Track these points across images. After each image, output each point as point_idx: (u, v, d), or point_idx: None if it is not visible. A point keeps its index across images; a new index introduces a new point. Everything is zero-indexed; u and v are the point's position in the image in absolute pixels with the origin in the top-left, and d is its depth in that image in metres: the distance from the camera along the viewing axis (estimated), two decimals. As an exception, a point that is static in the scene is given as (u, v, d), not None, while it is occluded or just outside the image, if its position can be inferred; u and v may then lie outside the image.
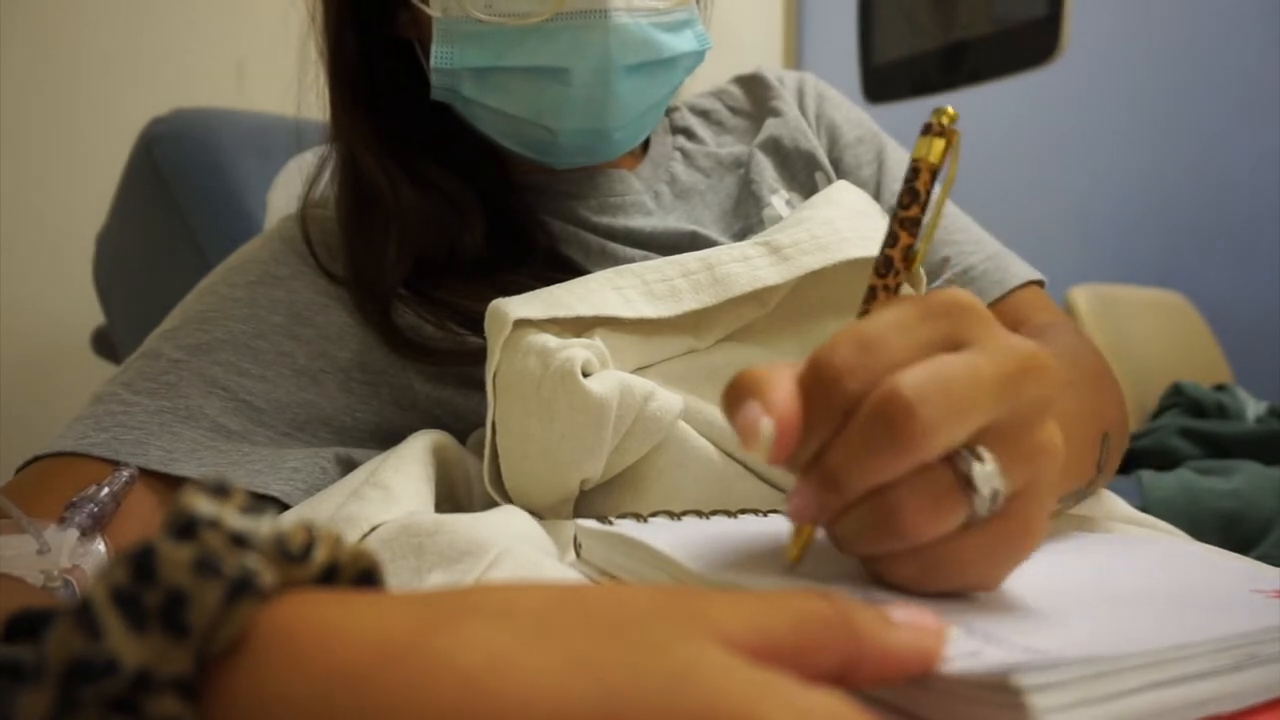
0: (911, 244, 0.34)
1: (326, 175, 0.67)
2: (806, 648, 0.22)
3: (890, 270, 0.34)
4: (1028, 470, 0.29)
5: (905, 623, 0.24)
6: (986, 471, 0.28)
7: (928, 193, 0.34)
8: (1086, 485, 0.51)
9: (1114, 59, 1.97)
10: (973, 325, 0.30)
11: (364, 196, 0.62)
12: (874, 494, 0.29)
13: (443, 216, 0.63)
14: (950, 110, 0.33)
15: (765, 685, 0.19)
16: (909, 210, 0.33)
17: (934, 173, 0.33)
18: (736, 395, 0.30)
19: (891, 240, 0.33)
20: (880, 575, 0.31)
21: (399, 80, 0.65)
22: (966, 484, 0.28)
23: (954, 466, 0.29)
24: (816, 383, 0.29)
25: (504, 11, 0.57)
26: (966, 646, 0.25)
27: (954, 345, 0.30)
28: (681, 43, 0.61)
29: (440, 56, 0.60)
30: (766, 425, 0.29)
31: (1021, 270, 0.68)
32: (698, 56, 0.63)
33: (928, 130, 0.33)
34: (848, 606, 0.23)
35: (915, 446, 0.28)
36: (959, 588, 0.30)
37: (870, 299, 0.34)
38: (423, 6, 0.60)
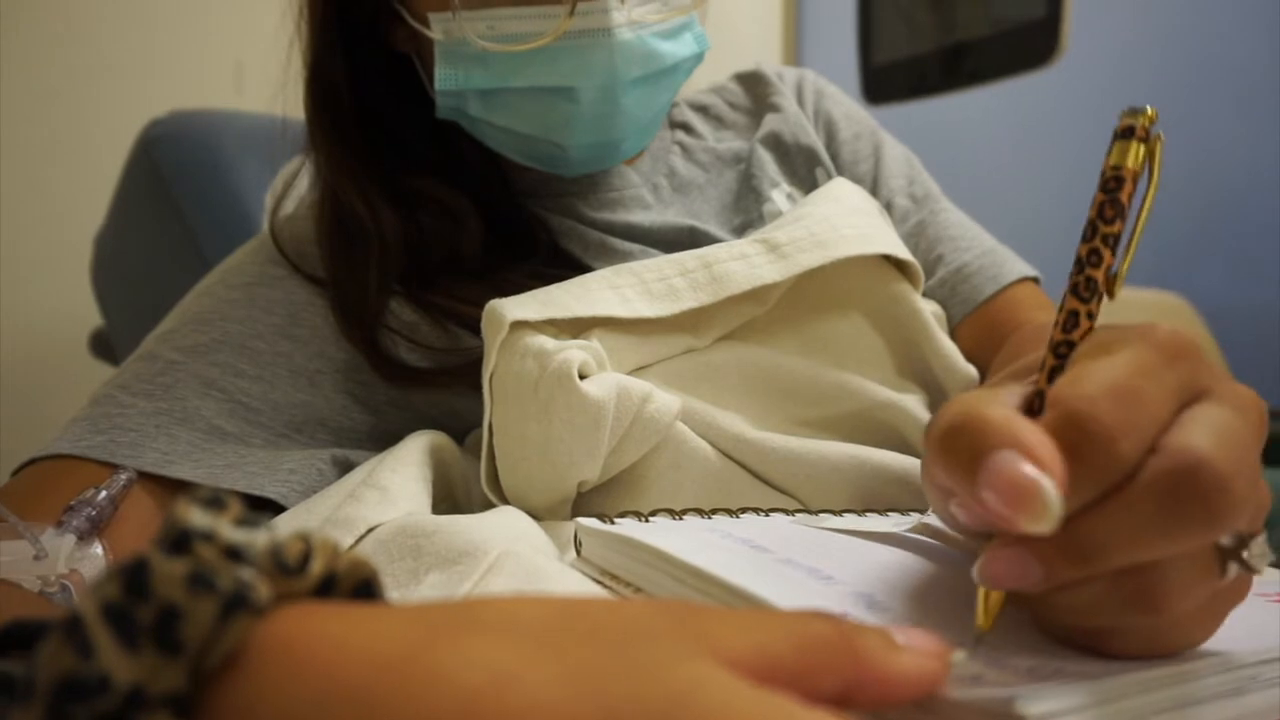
0: (1112, 264, 0.30)
1: (299, 188, 0.66)
2: (808, 669, 0.22)
3: (1094, 294, 0.30)
4: (1257, 528, 0.27)
5: (909, 645, 0.23)
6: (1260, 546, 0.26)
7: (1128, 204, 0.30)
8: None
9: (1113, 60, 1.97)
10: (1202, 370, 0.28)
11: (344, 223, 0.62)
12: (1130, 567, 0.26)
13: (437, 227, 0.62)
14: (1150, 110, 0.30)
15: (766, 706, 0.19)
16: (1112, 225, 0.29)
17: (1135, 181, 0.30)
18: (975, 439, 0.25)
19: (1095, 259, 0.29)
20: (1100, 646, 0.28)
21: (390, 93, 0.65)
22: (1230, 558, 0.26)
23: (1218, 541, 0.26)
24: (1082, 441, 0.25)
25: (507, 34, 0.57)
26: (970, 670, 0.25)
27: (1192, 393, 0.27)
28: (681, 48, 0.61)
29: (444, 79, 0.60)
30: (1051, 490, 0.24)
31: (1017, 266, 0.68)
32: (697, 58, 0.63)
33: (1128, 134, 0.29)
34: (850, 627, 0.23)
35: (1223, 526, 0.25)
36: (1179, 651, 0.28)
37: (1071, 326, 0.29)
38: (423, 29, 0.60)
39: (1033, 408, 0.27)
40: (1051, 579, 0.26)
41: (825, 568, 0.33)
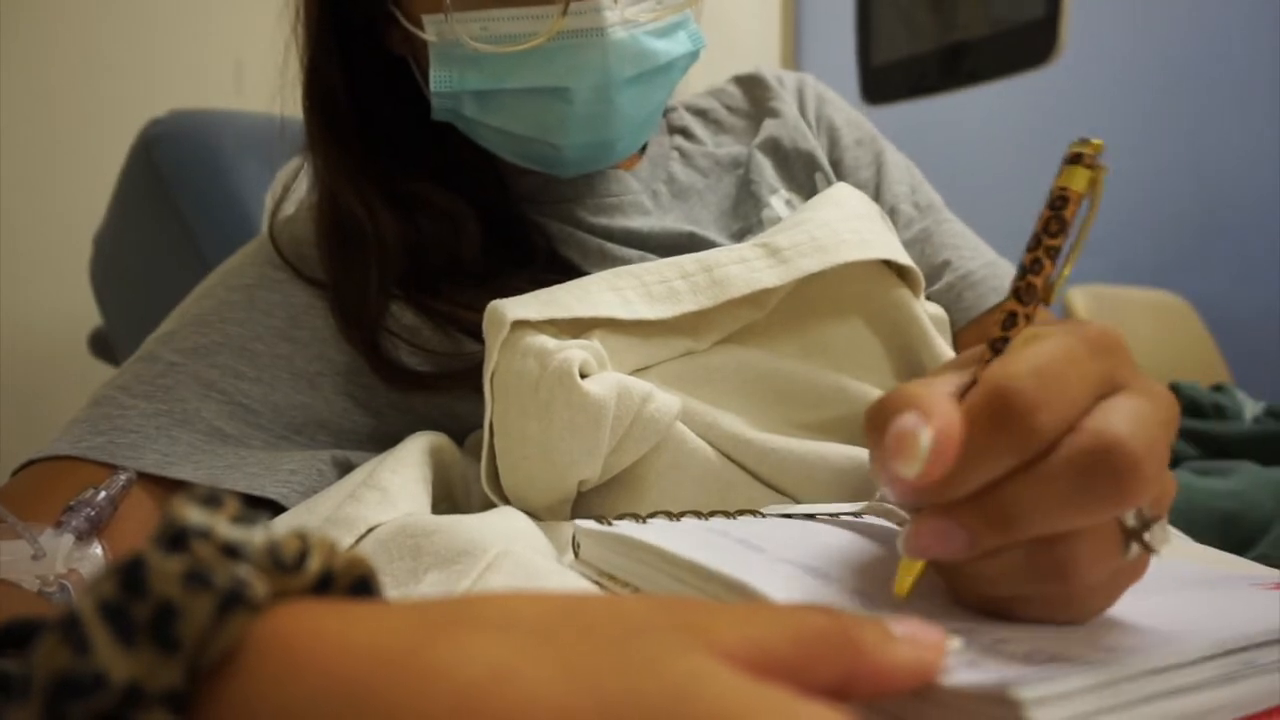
0: (1051, 273, 0.33)
1: (299, 190, 0.66)
2: (805, 661, 0.22)
3: (1033, 298, 0.33)
4: (1160, 512, 0.29)
5: (904, 636, 0.24)
6: (1161, 529, 0.28)
7: (1071, 222, 0.33)
8: None
9: (1112, 59, 1.97)
10: (1124, 364, 0.30)
11: (342, 224, 0.62)
12: (1045, 538, 0.28)
13: (436, 231, 0.62)
14: (1097, 141, 0.33)
15: (763, 700, 0.19)
16: (1055, 239, 0.33)
17: (1079, 203, 0.33)
18: (888, 408, 0.28)
19: (1036, 268, 0.33)
20: (1010, 612, 0.30)
21: (388, 95, 0.65)
22: (1133, 538, 0.28)
23: (1120, 519, 0.28)
24: (1003, 412, 0.27)
25: (500, 35, 0.57)
26: (966, 657, 0.25)
27: (1112, 385, 0.29)
28: (676, 46, 0.61)
29: (439, 80, 0.60)
30: (925, 435, 0.27)
31: None
32: (692, 56, 0.63)
33: (1077, 160, 0.33)
34: (847, 620, 0.23)
35: (1131, 501, 0.27)
36: (1080, 619, 0.30)
37: (1010, 325, 0.32)
38: (417, 31, 0.60)
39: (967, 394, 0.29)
40: (974, 547, 0.28)
41: (822, 565, 0.33)
